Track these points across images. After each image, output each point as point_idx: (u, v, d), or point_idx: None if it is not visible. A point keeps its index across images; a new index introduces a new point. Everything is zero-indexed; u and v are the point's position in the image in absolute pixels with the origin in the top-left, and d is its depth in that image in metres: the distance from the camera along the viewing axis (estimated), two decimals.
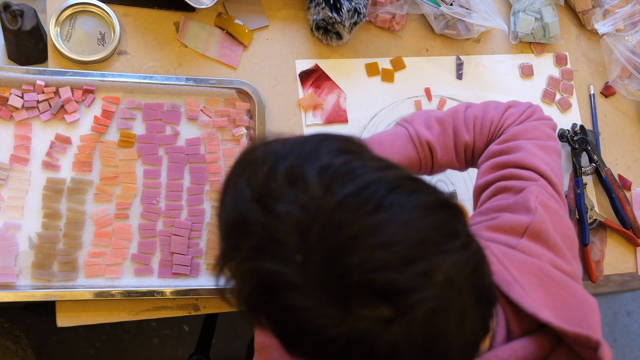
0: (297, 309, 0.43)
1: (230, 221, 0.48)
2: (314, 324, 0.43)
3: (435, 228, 0.45)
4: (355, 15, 0.97)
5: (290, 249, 0.43)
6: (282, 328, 0.47)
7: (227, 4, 1.00)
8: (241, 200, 0.47)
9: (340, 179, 0.45)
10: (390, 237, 0.43)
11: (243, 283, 0.47)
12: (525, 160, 0.72)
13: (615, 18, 1.09)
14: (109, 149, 0.89)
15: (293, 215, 0.43)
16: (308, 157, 0.47)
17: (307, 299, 0.43)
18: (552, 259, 0.62)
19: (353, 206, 0.43)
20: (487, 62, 1.10)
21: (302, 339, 0.45)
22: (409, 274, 0.42)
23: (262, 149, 0.50)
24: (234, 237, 0.48)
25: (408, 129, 0.80)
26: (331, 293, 0.42)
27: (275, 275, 0.44)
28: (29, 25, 0.87)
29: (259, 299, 0.46)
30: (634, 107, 1.14)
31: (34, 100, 0.87)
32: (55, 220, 0.84)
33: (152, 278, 0.86)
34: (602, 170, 1.04)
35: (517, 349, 0.54)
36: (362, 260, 0.42)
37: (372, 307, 0.42)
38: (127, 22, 0.95)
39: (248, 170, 0.48)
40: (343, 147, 0.49)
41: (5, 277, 0.81)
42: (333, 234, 0.43)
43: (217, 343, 1.62)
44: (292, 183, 0.45)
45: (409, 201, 0.45)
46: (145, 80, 0.91)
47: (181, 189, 0.90)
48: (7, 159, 0.85)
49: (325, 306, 0.42)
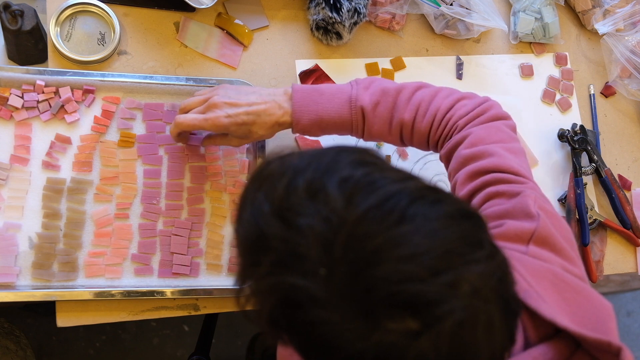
0: (322, 324, 0.43)
1: (249, 237, 0.47)
2: (340, 339, 0.42)
3: (459, 238, 0.44)
4: (355, 15, 0.97)
5: (313, 262, 0.43)
6: (307, 344, 0.46)
7: (227, 4, 1.00)
8: (260, 215, 0.46)
9: (361, 191, 0.44)
10: (415, 248, 0.42)
11: (264, 300, 0.46)
12: (503, 164, 0.71)
13: (615, 18, 1.09)
14: (109, 149, 0.89)
15: (315, 229, 0.43)
16: (327, 170, 0.46)
17: (332, 313, 0.42)
18: (562, 262, 0.62)
19: (376, 218, 0.43)
20: (487, 62, 1.10)
21: (327, 355, 0.44)
22: (436, 285, 0.42)
23: (278, 163, 0.49)
24: (253, 252, 0.47)
25: (351, 91, 0.79)
26: (356, 307, 0.42)
27: (298, 290, 0.43)
28: (29, 25, 0.87)
29: (282, 315, 0.45)
30: (634, 107, 1.14)
31: (34, 100, 0.87)
32: (55, 220, 0.84)
33: (152, 278, 0.86)
34: (602, 170, 1.04)
35: (536, 356, 0.53)
36: (387, 272, 0.41)
37: (398, 320, 0.41)
38: (127, 22, 0.95)
39: (265, 184, 0.48)
40: (361, 159, 0.48)
41: (5, 277, 0.81)
42: (357, 247, 0.42)
43: (217, 343, 1.62)
44: (312, 196, 0.45)
45: (432, 211, 0.44)
46: (145, 80, 0.91)
47: (181, 189, 0.90)
48: (7, 159, 0.85)
49: (351, 320, 0.42)
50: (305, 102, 0.78)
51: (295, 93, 0.79)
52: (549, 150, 1.08)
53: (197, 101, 0.81)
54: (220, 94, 0.80)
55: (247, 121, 0.78)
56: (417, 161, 1.01)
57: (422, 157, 1.02)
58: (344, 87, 0.81)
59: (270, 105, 0.79)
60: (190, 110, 0.81)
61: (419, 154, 1.02)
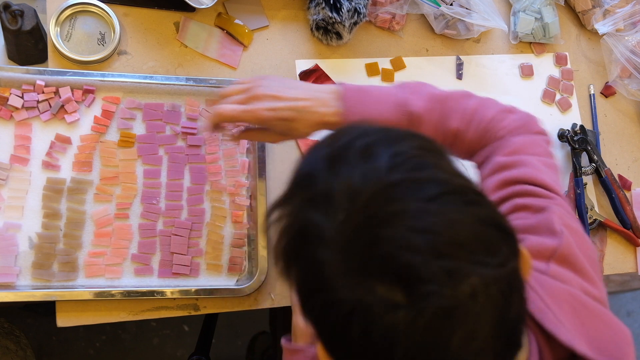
0: (321, 263, 0.44)
1: (300, 172, 0.51)
2: (330, 282, 0.44)
3: (478, 239, 0.44)
4: (355, 15, 0.97)
5: (336, 206, 0.45)
6: (304, 280, 0.48)
7: (227, 4, 1.00)
8: (316, 157, 0.50)
9: (408, 166, 0.46)
10: (430, 226, 0.43)
11: (286, 230, 0.49)
12: (535, 176, 0.70)
13: (615, 18, 1.09)
14: (109, 149, 0.89)
15: (352, 179, 0.45)
16: (388, 141, 0.48)
17: (333, 255, 0.44)
18: (582, 284, 0.61)
19: (409, 189, 0.44)
20: (487, 62, 1.10)
21: (315, 294, 0.46)
22: (434, 266, 0.42)
23: (353, 125, 0.53)
24: (295, 187, 0.51)
25: (400, 94, 0.77)
26: (355, 258, 0.43)
27: (314, 227, 0.45)
28: (29, 25, 0.87)
29: (295, 247, 0.48)
30: (634, 107, 1.14)
31: (34, 100, 0.87)
32: (55, 220, 0.84)
33: (152, 278, 0.86)
34: (602, 170, 1.04)
35: None
36: (394, 235, 0.43)
37: (387, 285, 0.42)
38: (127, 22, 0.95)
39: (333, 137, 0.52)
40: (424, 145, 0.50)
41: (5, 277, 0.81)
42: (379, 205, 0.44)
43: (217, 343, 1.62)
44: (364, 156, 0.47)
45: (464, 208, 0.45)
46: (145, 80, 0.91)
47: (181, 189, 0.90)
48: (7, 159, 0.85)
49: (346, 268, 0.43)
50: (355, 102, 0.75)
51: (347, 92, 0.75)
52: None
53: (239, 89, 0.77)
54: (264, 85, 0.75)
55: (290, 117, 0.73)
56: None
57: None
58: (391, 89, 0.79)
59: (316, 102, 0.74)
60: (231, 99, 0.77)
61: None
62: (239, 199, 0.91)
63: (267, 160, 0.93)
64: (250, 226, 0.91)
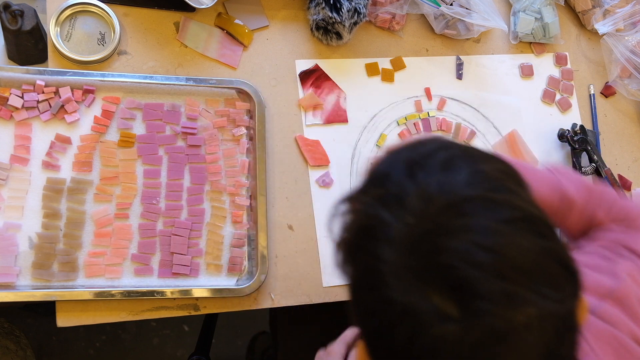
0: (382, 260, 0.45)
1: (377, 172, 0.52)
2: (386, 280, 0.44)
3: (543, 270, 0.44)
4: (355, 15, 0.97)
5: (408, 209, 0.46)
6: (361, 274, 0.48)
7: (227, 4, 1.00)
8: (395, 159, 0.51)
9: (486, 185, 0.46)
10: (497, 245, 0.43)
11: (352, 224, 0.50)
12: (631, 242, 0.71)
13: (615, 18, 1.09)
14: (109, 149, 0.89)
15: (428, 186, 0.46)
16: (471, 157, 0.49)
17: (396, 255, 0.44)
18: (633, 329, 0.61)
19: (482, 207, 0.45)
20: (487, 62, 1.10)
21: (369, 290, 0.46)
22: (493, 285, 0.42)
23: (437, 137, 0.54)
24: (369, 184, 0.51)
25: (557, 178, 0.80)
26: (417, 262, 0.43)
27: (382, 224, 0.46)
28: (29, 25, 0.87)
29: (359, 240, 0.48)
30: (634, 107, 1.14)
31: (34, 100, 0.87)
32: (55, 220, 0.84)
33: (152, 278, 0.86)
34: (602, 170, 1.04)
35: None
36: (460, 247, 0.43)
37: (442, 296, 0.42)
38: (127, 22, 0.95)
39: (416, 144, 0.52)
40: (506, 170, 0.50)
41: (5, 277, 0.81)
42: (450, 215, 0.44)
43: (217, 343, 1.62)
44: (444, 167, 0.48)
45: (534, 237, 0.45)
46: (145, 80, 0.91)
47: (181, 189, 0.90)
48: (7, 159, 0.85)
49: (405, 270, 0.43)
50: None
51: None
52: (549, 150, 1.08)
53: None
54: None
55: None
56: None
57: None
58: (545, 174, 0.81)
59: None
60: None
61: None
62: (239, 199, 0.91)
63: (267, 160, 0.94)
64: (250, 226, 0.91)
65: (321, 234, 0.94)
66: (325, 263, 0.92)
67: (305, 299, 0.91)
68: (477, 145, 1.05)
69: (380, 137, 1.01)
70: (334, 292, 0.92)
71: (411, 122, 1.03)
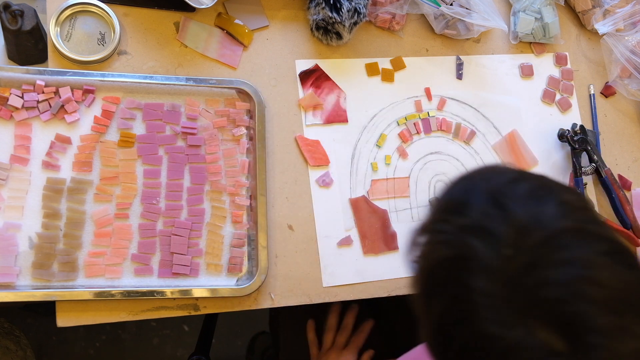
0: (477, 293, 0.43)
1: (453, 200, 0.51)
2: (480, 314, 0.43)
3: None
4: (355, 15, 0.97)
5: (502, 241, 0.45)
6: (450, 308, 0.46)
7: (227, 4, 1.00)
8: (473, 188, 0.50)
9: (577, 217, 0.46)
10: (607, 280, 0.43)
11: (436, 252, 0.48)
12: None
13: (615, 18, 1.09)
14: (109, 149, 0.89)
15: (520, 217, 0.45)
16: (550, 188, 0.49)
17: (494, 287, 0.43)
18: None
19: (580, 239, 0.44)
20: (487, 62, 1.10)
21: (460, 324, 0.45)
22: (605, 319, 0.41)
23: (508, 167, 0.53)
24: (447, 212, 0.50)
25: None
26: (520, 295, 0.42)
27: (475, 253, 0.45)
28: (29, 25, 0.87)
29: (446, 271, 0.47)
30: (634, 107, 1.14)
31: (34, 100, 0.87)
32: (55, 220, 0.84)
33: (152, 278, 0.86)
34: (602, 170, 1.04)
35: None
36: (566, 282, 0.42)
37: (549, 330, 0.41)
38: (127, 22, 0.95)
39: (490, 173, 0.52)
40: (584, 199, 0.50)
41: (5, 277, 0.81)
42: (549, 248, 0.43)
43: (217, 343, 1.62)
44: (531, 198, 0.47)
45: (630, 270, 0.45)
46: (145, 80, 0.91)
47: (181, 189, 0.90)
48: (7, 159, 0.85)
49: (504, 304, 0.42)
50: None
51: None
52: (549, 150, 1.08)
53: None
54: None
55: None
56: (417, 161, 1.01)
57: (422, 157, 1.02)
58: None
59: None
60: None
61: (419, 154, 1.02)
62: (239, 199, 0.91)
63: (267, 160, 0.94)
64: (250, 226, 0.91)
65: (321, 234, 0.94)
66: (325, 263, 0.92)
67: (305, 299, 0.91)
68: (477, 145, 1.05)
69: (380, 137, 1.01)
70: (334, 292, 0.92)
71: (411, 122, 1.03)
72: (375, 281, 0.94)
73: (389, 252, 0.96)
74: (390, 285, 0.94)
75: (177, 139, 0.92)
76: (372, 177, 0.99)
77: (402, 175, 1.00)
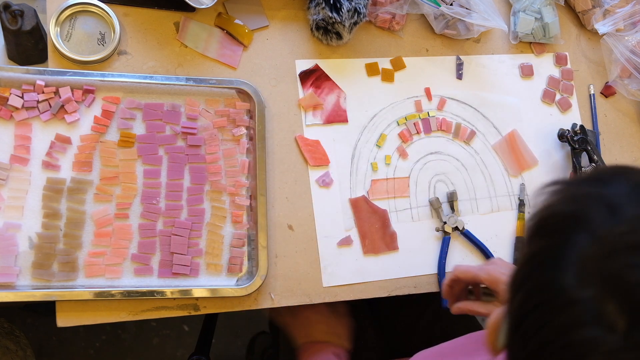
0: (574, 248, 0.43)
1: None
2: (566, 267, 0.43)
3: None
4: (355, 15, 0.97)
5: (621, 216, 0.44)
6: (544, 251, 0.46)
7: (227, 4, 1.00)
8: (582, 197, 0.47)
9: None
10: None
11: (559, 205, 0.47)
12: None
13: (615, 18, 1.09)
14: (109, 149, 0.89)
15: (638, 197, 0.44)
16: None
17: (591, 249, 0.43)
18: None
19: None
20: (487, 62, 1.10)
21: (543, 270, 0.44)
22: None
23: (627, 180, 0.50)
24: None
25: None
26: (609, 266, 0.42)
27: (589, 218, 0.44)
28: (29, 25, 0.87)
29: (560, 221, 0.46)
30: (634, 107, 1.14)
31: (34, 100, 0.87)
32: (55, 220, 0.84)
33: (152, 278, 0.86)
34: None
35: None
36: None
37: (618, 307, 0.41)
38: (127, 22, 0.95)
39: (600, 182, 0.49)
40: None
41: (5, 277, 0.81)
42: None
43: (217, 343, 1.62)
44: None
45: None
46: (145, 80, 0.91)
47: (181, 189, 0.90)
48: (7, 159, 0.85)
49: (593, 266, 0.42)
50: None
51: None
52: (549, 150, 1.08)
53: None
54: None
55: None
56: (417, 161, 1.01)
57: (422, 157, 1.02)
58: None
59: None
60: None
61: (419, 154, 1.02)
62: (239, 199, 0.91)
63: (267, 160, 0.94)
64: (250, 226, 0.91)
65: (321, 234, 0.94)
66: (325, 263, 0.92)
67: (305, 299, 0.91)
68: (477, 145, 1.05)
69: (380, 137, 1.01)
70: (334, 292, 0.92)
71: (411, 122, 1.03)
72: (375, 281, 0.94)
73: (389, 252, 0.96)
74: (390, 285, 0.94)
75: (177, 139, 0.92)
76: (372, 177, 0.99)
77: (402, 175, 1.00)
